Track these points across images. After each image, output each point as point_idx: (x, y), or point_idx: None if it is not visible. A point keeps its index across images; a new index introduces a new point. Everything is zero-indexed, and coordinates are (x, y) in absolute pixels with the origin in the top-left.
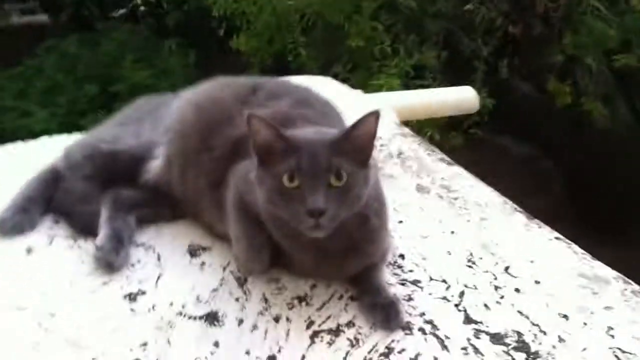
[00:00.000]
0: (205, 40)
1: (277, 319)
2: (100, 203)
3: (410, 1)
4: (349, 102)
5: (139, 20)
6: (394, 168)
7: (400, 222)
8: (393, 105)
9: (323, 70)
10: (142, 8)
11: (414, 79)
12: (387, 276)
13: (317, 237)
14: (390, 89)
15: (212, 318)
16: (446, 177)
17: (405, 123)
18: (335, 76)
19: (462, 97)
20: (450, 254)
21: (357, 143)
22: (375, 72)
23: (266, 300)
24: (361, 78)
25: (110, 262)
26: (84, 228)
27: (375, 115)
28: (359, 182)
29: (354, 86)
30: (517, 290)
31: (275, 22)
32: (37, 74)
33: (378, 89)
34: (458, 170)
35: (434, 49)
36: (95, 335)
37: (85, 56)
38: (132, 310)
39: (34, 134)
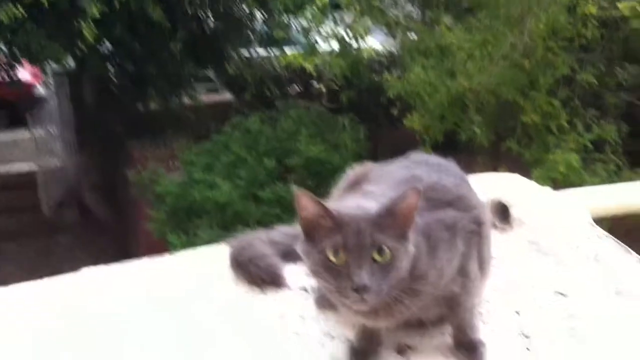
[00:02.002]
0: (376, 117)
1: None
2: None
3: (589, 75)
4: (538, 201)
5: (314, 97)
6: (589, 271)
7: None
8: (586, 203)
9: (495, 145)
10: (316, 85)
11: (592, 153)
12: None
13: (360, 309)
14: (568, 164)
15: None
16: None
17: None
18: (509, 150)
19: None
20: None
21: (397, 218)
22: (551, 147)
23: None
24: (536, 153)
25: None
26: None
27: (415, 190)
28: (400, 256)
29: (528, 161)
30: None
31: (448, 102)
32: (223, 150)
33: (554, 164)
34: None
35: (614, 123)
36: None
37: (265, 132)
38: None
39: (219, 205)
